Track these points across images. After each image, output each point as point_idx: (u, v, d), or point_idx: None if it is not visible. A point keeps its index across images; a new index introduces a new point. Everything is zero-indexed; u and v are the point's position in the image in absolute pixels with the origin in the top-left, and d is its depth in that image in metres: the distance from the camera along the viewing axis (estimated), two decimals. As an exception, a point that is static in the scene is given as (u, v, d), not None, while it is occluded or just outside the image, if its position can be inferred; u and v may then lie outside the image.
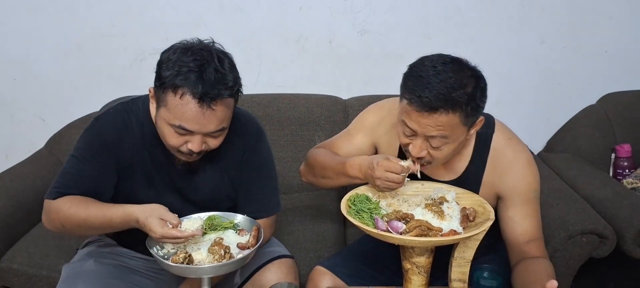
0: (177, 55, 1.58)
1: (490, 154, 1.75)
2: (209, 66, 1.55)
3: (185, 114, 1.56)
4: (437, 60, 1.58)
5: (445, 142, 1.60)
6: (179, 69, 1.55)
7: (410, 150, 1.64)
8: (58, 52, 2.90)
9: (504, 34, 2.96)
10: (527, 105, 3.05)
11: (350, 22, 2.92)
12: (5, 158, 3.01)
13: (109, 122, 1.76)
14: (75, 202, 1.66)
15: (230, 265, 1.54)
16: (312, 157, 1.91)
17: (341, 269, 1.88)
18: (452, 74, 1.54)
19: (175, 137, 1.62)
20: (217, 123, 1.60)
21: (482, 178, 1.76)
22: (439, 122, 1.55)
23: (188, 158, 1.68)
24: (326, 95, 2.85)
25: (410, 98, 1.56)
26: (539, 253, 1.70)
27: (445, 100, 1.52)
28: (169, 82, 1.56)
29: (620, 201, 2.36)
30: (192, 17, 2.86)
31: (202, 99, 1.54)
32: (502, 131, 1.77)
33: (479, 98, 1.58)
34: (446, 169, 1.80)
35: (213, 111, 1.57)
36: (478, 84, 1.58)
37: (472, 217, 1.59)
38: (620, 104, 2.93)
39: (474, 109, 1.58)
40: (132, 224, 1.59)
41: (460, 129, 1.59)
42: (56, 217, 1.67)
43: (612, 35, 3.00)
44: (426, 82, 1.54)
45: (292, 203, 2.64)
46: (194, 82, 1.53)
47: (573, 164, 2.73)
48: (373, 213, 1.60)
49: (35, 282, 2.19)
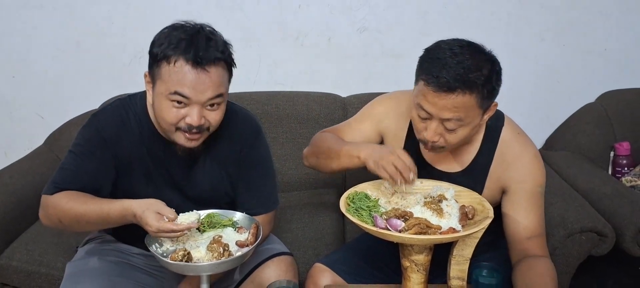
0: (167, 31, 1.63)
1: (499, 147, 1.76)
2: (199, 35, 1.60)
3: (180, 80, 1.58)
4: (454, 43, 1.61)
5: (461, 124, 1.61)
6: (169, 41, 1.59)
7: (424, 135, 1.65)
8: (57, 49, 2.90)
9: (503, 31, 2.96)
10: (526, 103, 3.05)
11: (349, 20, 2.92)
12: (4, 155, 3.01)
13: (107, 118, 1.76)
14: (72, 197, 1.66)
15: (229, 262, 1.54)
16: (319, 138, 1.92)
17: (340, 266, 1.88)
18: (469, 56, 1.57)
19: (173, 112, 1.61)
20: (213, 88, 1.60)
21: (489, 169, 1.77)
22: (455, 104, 1.56)
23: (189, 140, 1.66)
24: (325, 92, 2.85)
25: (427, 79, 1.58)
26: (541, 250, 1.70)
27: (462, 81, 1.54)
28: (161, 54, 1.59)
29: (619, 199, 2.36)
30: (191, 14, 2.80)
31: (195, 61, 1.57)
32: (511, 125, 1.79)
33: (494, 81, 1.60)
34: (455, 159, 1.80)
35: (207, 74, 1.58)
36: (494, 67, 1.61)
37: (471, 215, 1.59)
38: (619, 101, 2.93)
39: (489, 92, 1.60)
40: (129, 219, 1.59)
41: (476, 111, 1.60)
42: (53, 212, 1.67)
43: (612, 33, 3.00)
44: (443, 63, 1.56)
45: (291, 201, 2.64)
46: (185, 48, 1.57)
47: (572, 162, 2.73)
48: (372, 211, 1.60)
49: (34, 279, 2.19)
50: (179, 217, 1.58)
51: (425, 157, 1.83)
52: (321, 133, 1.96)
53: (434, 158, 1.82)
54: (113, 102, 1.82)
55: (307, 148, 1.96)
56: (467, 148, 1.78)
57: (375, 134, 1.91)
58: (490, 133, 1.77)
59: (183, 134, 1.65)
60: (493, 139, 1.77)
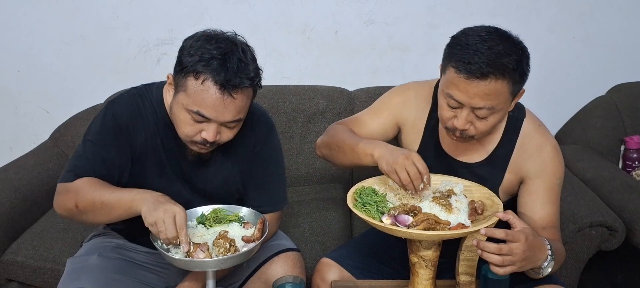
0: (201, 43, 1.58)
1: (520, 137, 1.76)
2: (232, 55, 1.56)
3: (205, 100, 1.56)
4: (481, 29, 1.60)
5: (492, 112, 1.59)
6: (202, 55, 1.55)
7: (454, 123, 1.63)
8: (62, 43, 2.89)
9: (512, 23, 2.85)
10: (535, 96, 2.98)
11: (356, 13, 2.90)
12: (9, 150, 3.00)
13: (123, 105, 1.75)
14: (93, 182, 1.65)
15: (235, 258, 1.53)
16: (334, 130, 1.90)
17: (347, 261, 1.87)
18: (498, 41, 1.56)
19: (190, 125, 1.61)
20: (235, 112, 1.60)
21: (509, 160, 1.76)
22: (487, 90, 1.54)
23: (201, 149, 1.67)
24: (332, 86, 2.83)
25: (458, 66, 1.55)
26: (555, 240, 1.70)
27: (495, 66, 1.53)
28: (191, 67, 1.56)
29: (629, 193, 2.35)
30: (197, 8, 2.84)
31: (224, 86, 1.54)
32: (532, 117, 1.79)
33: (525, 65, 1.60)
34: (475, 150, 1.79)
35: (233, 100, 1.56)
36: (524, 52, 1.60)
37: (480, 210, 1.58)
38: (630, 94, 2.91)
39: (521, 76, 1.59)
40: (134, 213, 1.57)
41: (507, 97, 1.60)
42: (72, 197, 1.63)
43: (622, 25, 2.97)
44: (474, 49, 1.54)
45: (298, 196, 2.63)
46: (217, 69, 1.54)
47: (582, 156, 2.71)
48: (379, 207, 1.58)
49: (40, 274, 2.19)
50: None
51: (444, 148, 1.82)
52: (337, 124, 1.93)
53: (454, 149, 1.81)
54: (129, 90, 1.81)
55: (321, 138, 1.94)
56: (488, 139, 1.77)
57: (393, 125, 1.90)
58: (512, 124, 1.77)
59: (196, 144, 1.65)
60: (515, 129, 1.76)
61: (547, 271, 1.57)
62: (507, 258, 1.44)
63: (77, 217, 1.67)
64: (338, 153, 1.83)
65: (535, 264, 1.54)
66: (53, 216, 2.41)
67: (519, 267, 1.48)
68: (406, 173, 1.58)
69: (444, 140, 1.80)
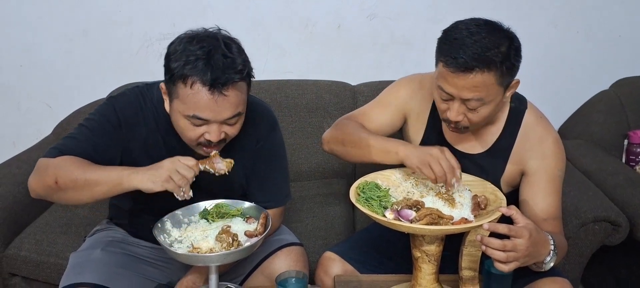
0: (183, 45, 1.56)
1: (522, 129, 1.77)
2: (216, 52, 1.53)
3: (197, 103, 1.54)
4: (471, 23, 1.62)
5: (482, 103, 1.62)
6: (187, 59, 1.53)
7: (448, 115, 1.66)
8: (64, 38, 2.89)
9: (515, 18, 2.86)
10: (538, 91, 2.98)
11: (359, 7, 2.89)
12: (12, 145, 3.01)
13: (125, 101, 1.74)
14: (76, 160, 1.60)
15: (238, 253, 1.53)
16: (345, 125, 1.89)
17: (350, 255, 1.88)
18: (486, 35, 1.58)
19: (192, 129, 1.60)
20: (232, 109, 1.58)
21: (511, 151, 1.78)
22: (474, 83, 1.57)
23: (208, 151, 1.66)
24: (335, 81, 2.82)
25: (446, 60, 1.59)
26: (557, 231, 1.70)
27: (480, 60, 1.55)
28: (177, 73, 1.54)
29: (633, 188, 2.34)
30: (199, 2, 2.83)
31: (212, 85, 1.52)
32: (534, 110, 1.81)
33: (513, 57, 1.60)
34: (477, 140, 1.81)
35: (225, 97, 1.54)
36: (512, 43, 1.61)
37: (483, 205, 1.58)
38: (633, 89, 2.90)
39: (508, 69, 1.60)
40: (132, 180, 1.54)
41: (496, 89, 1.61)
42: (53, 173, 1.57)
43: (626, 19, 2.96)
44: (461, 43, 1.57)
45: (301, 191, 2.62)
46: (203, 70, 1.51)
47: (585, 150, 2.70)
48: (382, 201, 1.58)
49: (43, 269, 2.19)
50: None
51: (447, 138, 1.84)
52: (346, 120, 1.93)
53: (456, 140, 1.82)
54: (131, 87, 1.80)
55: (329, 133, 1.93)
56: (490, 130, 1.79)
57: (400, 117, 1.91)
58: (514, 115, 1.78)
59: (202, 146, 1.64)
60: (516, 121, 1.78)
61: (550, 265, 1.59)
62: (511, 254, 1.45)
63: (54, 196, 1.61)
64: (353, 149, 1.83)
65: (538, 259, 1.56)
66: (56, 211, 2.41)
67: (523, 262, 1.49)
68: (440, 166, 1.59)
69: (447, 131, 1.81)
